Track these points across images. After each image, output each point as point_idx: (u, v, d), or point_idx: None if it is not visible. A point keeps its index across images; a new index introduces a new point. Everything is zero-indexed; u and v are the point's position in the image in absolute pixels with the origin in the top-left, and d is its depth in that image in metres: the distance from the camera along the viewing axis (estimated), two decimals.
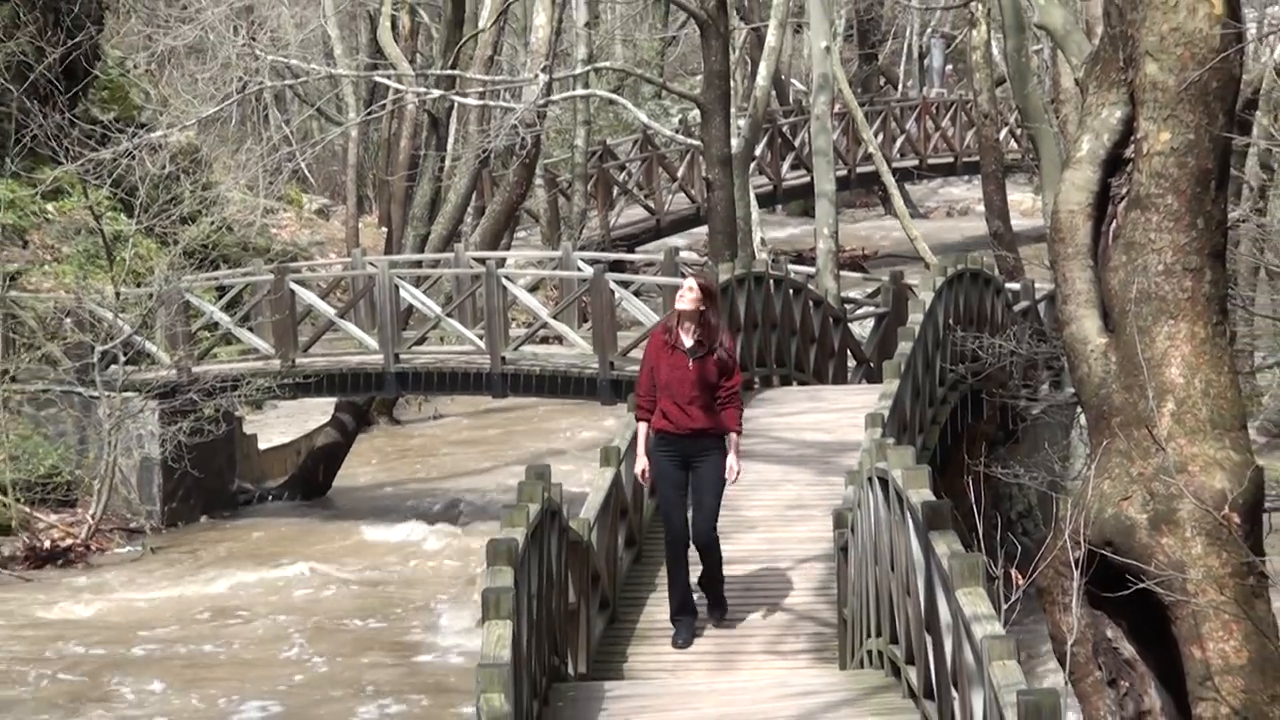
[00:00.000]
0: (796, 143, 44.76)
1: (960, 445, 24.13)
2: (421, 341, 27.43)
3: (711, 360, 13.86)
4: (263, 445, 30.59)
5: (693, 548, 14.20)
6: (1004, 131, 40.79)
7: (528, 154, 34.16)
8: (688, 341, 13.89)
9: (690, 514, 14.15)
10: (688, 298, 13.89)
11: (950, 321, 24.19)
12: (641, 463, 14.12)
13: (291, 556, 26.07)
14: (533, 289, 28.80)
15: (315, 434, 31.24)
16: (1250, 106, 25.21)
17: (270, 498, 29.79)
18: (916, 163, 48.60)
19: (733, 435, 14.04)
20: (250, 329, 28.12)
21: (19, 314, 27.72)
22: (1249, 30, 18.32)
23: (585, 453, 28.47)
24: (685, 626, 14.21)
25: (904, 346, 20.58)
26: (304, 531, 27.69)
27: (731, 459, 14.03)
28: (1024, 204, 44.50)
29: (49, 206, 30.32)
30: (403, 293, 27.35)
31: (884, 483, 12.34)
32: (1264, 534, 11.87)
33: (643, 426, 14.09)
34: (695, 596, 14.42)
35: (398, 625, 23.31)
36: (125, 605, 24.06)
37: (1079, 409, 15.70)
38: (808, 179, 38.71)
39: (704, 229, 33.74)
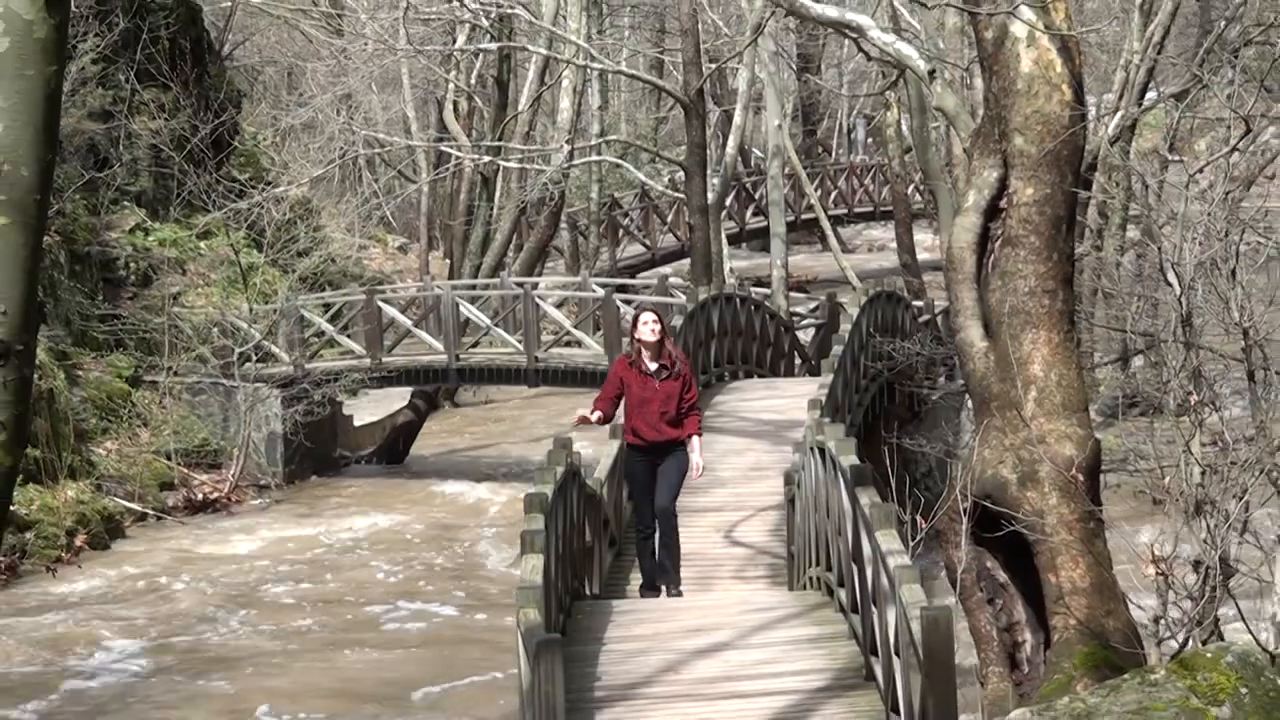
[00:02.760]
0: (756, 196, 44.62)
1: (879, 423, 24.13)
2: (475, 345, 27.39)
3: (675, 380, 12.70)
4: (357, 423, 30.53)
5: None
6: (911, 187, 40.67)
7: (555, 204, 34.17)
8: (652, 366, 12.67)
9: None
10: (653, 329, 12.66)
11: (871, 330, 24.18)
12: (582, 412, 12.55)
13: (379, 506, 26.09)
14: (558, 306, 28.77)
15: (396, 414, 31.17)
16: (1091, 169, 25.15)
17: (363, 462, 29.76)
18: (846, 211, 48.41)
19: (695, 438, 12.82)
20: (348, 336, 28.09)
21: (179, 324, 27.71)
22: (1090, 111, 18.32)
23: (598, 428, 28.38)
24: (651, 597, 13.03)
25: (837, 349, 20.61)
26: (388, 488, 27.66)
27: (696, 458, 12.82)
28: (926, 242, 44.27)
29: (201, 244, 30.26)
30: (461, 309, 27.32)
31: (822, 451, 12.33)
32: (1101, 489, 11.88)
33: (597, 414, 12.57)
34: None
35: (458, 556, 23.28)
36: (259, 541, 24.08)
37: (967, 395, 15.69)
38: (765, 223, 38.61)
39: (687, 261, 33.66)
